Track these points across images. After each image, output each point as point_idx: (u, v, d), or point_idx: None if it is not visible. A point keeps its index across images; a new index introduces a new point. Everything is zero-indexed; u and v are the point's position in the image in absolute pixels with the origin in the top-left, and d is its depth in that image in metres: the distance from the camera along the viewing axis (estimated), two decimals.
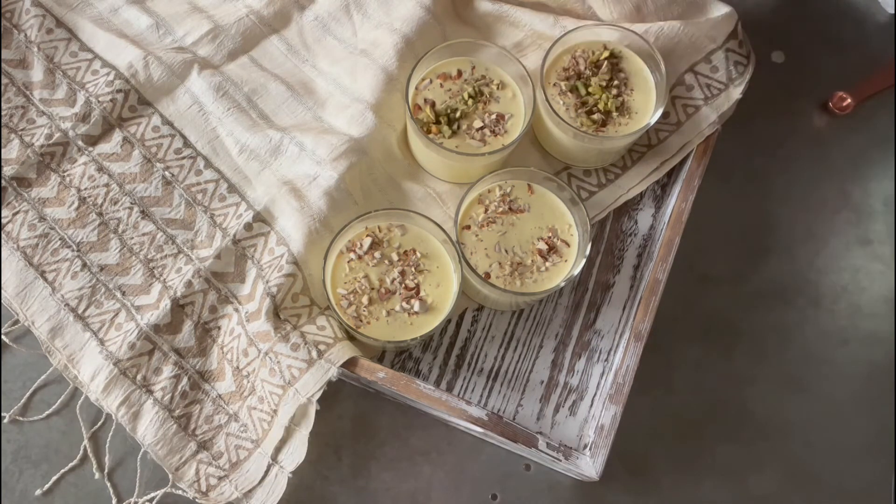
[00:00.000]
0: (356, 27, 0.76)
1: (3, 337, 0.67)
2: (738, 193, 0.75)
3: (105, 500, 0.63)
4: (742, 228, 0.74)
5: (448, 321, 0.67)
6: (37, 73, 0.72)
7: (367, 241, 0.64)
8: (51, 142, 0.69)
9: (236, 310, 0.65)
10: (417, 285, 0.63)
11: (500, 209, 0.65)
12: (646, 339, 0.63)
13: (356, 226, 0.64)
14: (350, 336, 0.63)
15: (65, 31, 0.74)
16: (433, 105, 0.68)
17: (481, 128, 0.68)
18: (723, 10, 0.71)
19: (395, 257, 0.64)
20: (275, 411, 0.61)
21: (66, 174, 0.69)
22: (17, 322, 0.67)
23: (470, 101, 0.69)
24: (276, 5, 0.76)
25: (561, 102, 0.69)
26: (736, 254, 0.73)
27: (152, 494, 0.63)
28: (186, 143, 0.70)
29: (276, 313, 0.63)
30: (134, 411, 0.63)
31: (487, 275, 0.63)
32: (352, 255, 0.64)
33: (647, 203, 0.73)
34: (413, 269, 0.64)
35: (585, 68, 0.70)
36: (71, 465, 0.64)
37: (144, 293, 0.66)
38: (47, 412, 0.65)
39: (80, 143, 0.69)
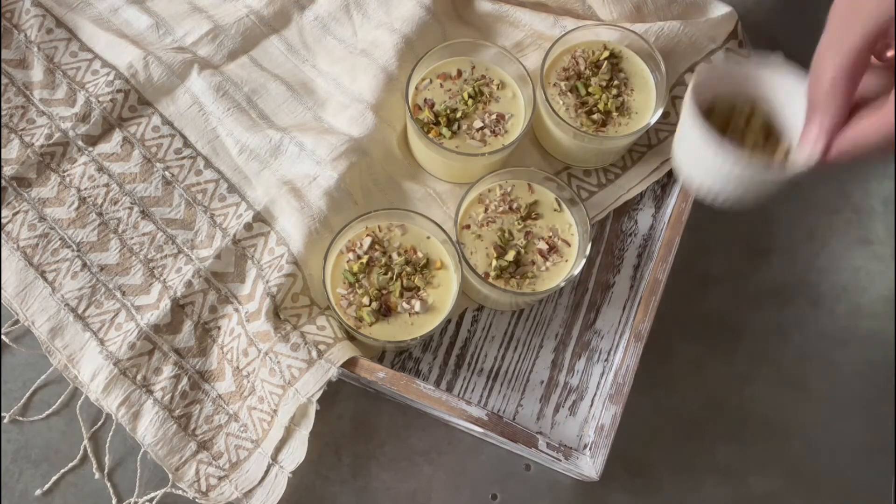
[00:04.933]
0: (356, 27, 0.76)
1: (3, 337, 0.67)
2: None
3: (105, 500, 0.63)
4: (742, 228, 0.74)
5: (448, 321, 0.67)
6: (37, 73, 0.72)
7: (367, 241, 0.64)
8: (51, 142, 0.69)
9: (236, 310, 0.65)
10: (417, 285, 0.63)
11: (501, 209, 0.65)
12: (646, 339, 0.63)
13: (356, 226, 0.64)
14: (350, 336, 0.63)
15: (65, 31, 0.74)
16: (433, 105, 0.68)
17: (481, 128, 0.68)
18: (723, 10, 0.71)
19: (395, 257, 0.64)
20: (275, 411, 0.61)
21: (66, 174, 0.69)
22: (17, 322, 0.67)
23: (470, 102, 0.69)
24: (276, 5, 0.76)
25: (561, 102, 0.69)
26: (736, 254, 0.73)
27: (152, 494, 0.63)
28: (186, 143, 0.70)
29: (276, 313, 0.63)
30: (134, 411, 0.63)
31: (487, 275, 0.64)
32: (351, 255, 0.64)
33: (647, 203, 0.73)
34: (413, 268, 0.64)
35: (585, 68, 0.70)
36: (71, 465, 0.64)
37: (144, 293, 0.66)
38: (47, 412, 0.65)
39: (80, 143, 0.69)
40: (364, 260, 0.63)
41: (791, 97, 0.51)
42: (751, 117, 0.54)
